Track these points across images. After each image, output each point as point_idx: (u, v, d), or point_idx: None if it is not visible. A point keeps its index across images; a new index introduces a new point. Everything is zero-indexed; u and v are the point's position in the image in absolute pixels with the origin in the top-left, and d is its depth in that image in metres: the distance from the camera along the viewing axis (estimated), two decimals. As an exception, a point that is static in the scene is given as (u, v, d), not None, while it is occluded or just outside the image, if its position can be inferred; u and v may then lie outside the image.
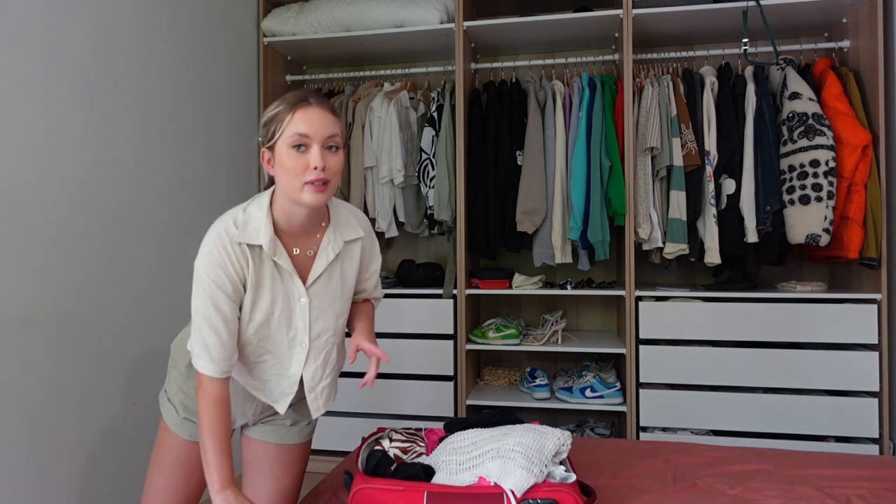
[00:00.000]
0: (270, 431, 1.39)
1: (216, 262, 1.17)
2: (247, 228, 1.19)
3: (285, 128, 1.14)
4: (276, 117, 1.15)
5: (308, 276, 1.25)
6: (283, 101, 1.17)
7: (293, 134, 1.13)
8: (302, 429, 1.42)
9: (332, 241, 1.27)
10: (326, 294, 1.28)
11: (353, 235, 1.31)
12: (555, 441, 1.24)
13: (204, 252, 1.18)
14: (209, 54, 2.47)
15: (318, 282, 1.26)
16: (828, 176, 2.27)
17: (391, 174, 2.71)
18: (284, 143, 1.14)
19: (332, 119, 1.17)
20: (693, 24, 2.57)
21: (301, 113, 1.14)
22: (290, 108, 1.14)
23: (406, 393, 2.67)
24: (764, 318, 2.36)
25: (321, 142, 1.14)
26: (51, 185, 1.70)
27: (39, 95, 1.67)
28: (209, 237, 1.19)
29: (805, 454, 1.68)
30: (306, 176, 1.13)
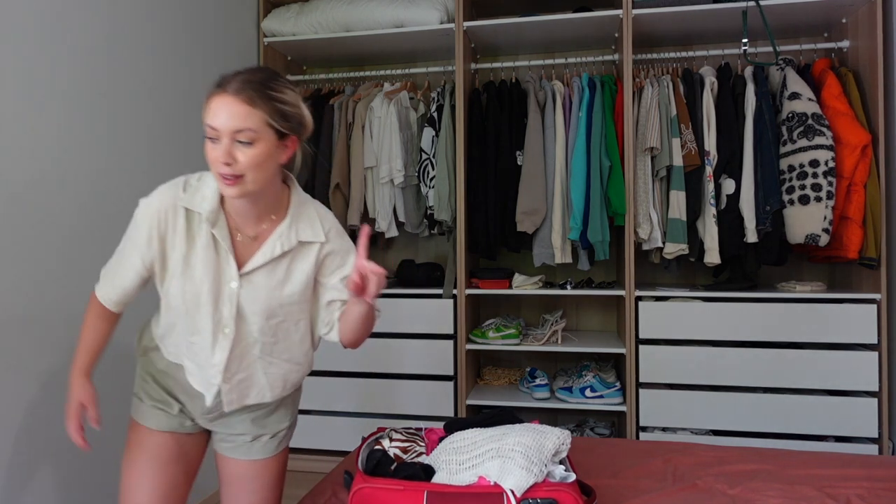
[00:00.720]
0: (235, 448, 1.32)
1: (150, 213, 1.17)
2: (195, 195, 1.17)
3: (204, 116, 1.08)
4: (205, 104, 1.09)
5: (246, 264, 1.19)
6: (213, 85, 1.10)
7: (207, 125, 1.07)
8: (265, 444, 1.32)
9: (284, 236, 1.20)
10: (262, 289, 1.19)
11: (310, 238, 1.22)
12: (554, 440, 1.25)
13: (149, 199, 1.18)
14: (209, 54, 2.47)
15: (256, 273, 1.19)
16: (827, 176, 2.27)
17: (391, 174, 2.71)
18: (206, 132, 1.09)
19: (244, 110, 1.05)
20: (693, 24, 2.57)
21: (213, 102, 1.07)
22: (210, 96, 1.08)
23: (406, 393, 2.67)
24: (764, 318, 2.36)
25: (229, 135, 1.06)
26: (51, 185, 1.70)
27: (39, 96, 1.67)
28: (162, 188, 1.18)
29: (805, 454, 1.69)
30: (216, 168, 1.09)
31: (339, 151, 2.78)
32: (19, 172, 1.61)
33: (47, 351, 1.68)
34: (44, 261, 1.68)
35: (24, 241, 1.62)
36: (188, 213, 1.17)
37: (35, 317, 1.65)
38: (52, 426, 1.70)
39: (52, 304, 1.70)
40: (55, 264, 1.71)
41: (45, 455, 1.67)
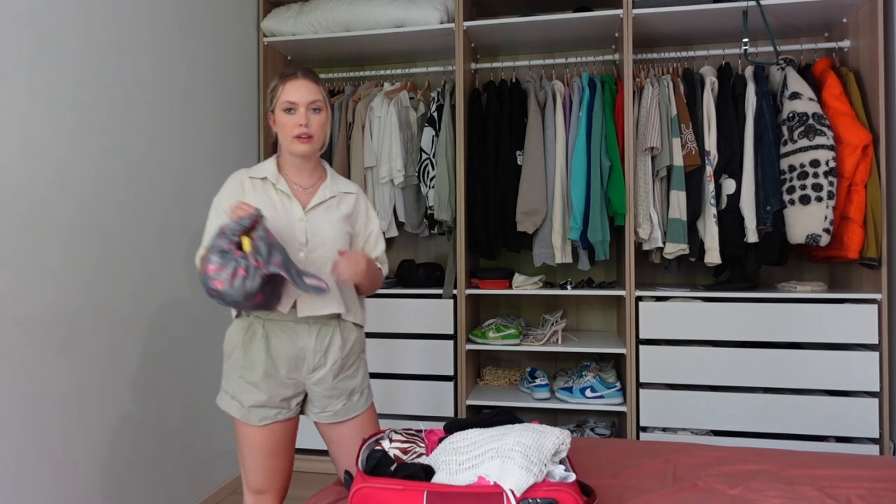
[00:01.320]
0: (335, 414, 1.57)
1: (227, 189, 1.52)
2: (256, 168, 1.56)
3: (279, 96, 1.49)
4: (273, 88, 1.52)
5: (307, 204, 1.54)
6: (278, 76, 1.53)
7: (285, 101, 1.49)
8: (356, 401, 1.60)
9: (329, 187, 1.58)
10: (324, 220, 1.53)
11: (347, 189, 1.62)
12: (554, 440, 1.24)
13: (221, 191, 1.54)
14: (209, 54, 2.47)
15: (315, 209, 1.54)
16: (828, 176, 2.27)
17: (391, 174, 2.71)
18: (279, 108, 1.50)
19: (315, 87, 1.51)
20: (693, 24, 2.57)
21: (290, 84, 1.49)
22: (282, 80, 1.50)
23: (406, 393, 2.67)
24: (764, 318, 2.35)
25: (306, 106, 1.48)
26: (51, 185, 1.70)
27: (40, 96, 1.67)
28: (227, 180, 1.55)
29: (805, 454, 1.68)
30: (294, 131, 1.48)
31: (339, 151, 2.78)
32: (19, 172, 1.60)
33: (47, 351, 1.68)
34: (44, 261, 1.68)
35: (25, 241, 1.62)
36: (253, 182, 1.53)
37: (35, 317, 1.65)
38: (52, 426, 1.70)
39: (52, 304, 1.70)
40: (55, 264, 1.71)
41: (45, 454, 1.67)
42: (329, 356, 1.54)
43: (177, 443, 2.23)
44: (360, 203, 1.64)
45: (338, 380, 1.56)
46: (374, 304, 2.68)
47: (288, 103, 1.48)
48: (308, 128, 1.48)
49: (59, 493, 1.72)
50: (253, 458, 1.52)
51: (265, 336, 1.50)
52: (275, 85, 1.51)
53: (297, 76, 1.50)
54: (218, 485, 2.49)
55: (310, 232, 1.52)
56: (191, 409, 2.31)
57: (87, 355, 1.82)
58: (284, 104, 1.48)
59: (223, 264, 1.31)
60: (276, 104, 1.50)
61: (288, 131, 1.49)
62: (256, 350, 1.50)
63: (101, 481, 1.87)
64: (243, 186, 1.52)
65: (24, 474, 1.61)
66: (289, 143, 1.51)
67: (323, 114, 1.52)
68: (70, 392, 1.76)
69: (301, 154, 1.51)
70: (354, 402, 1.59)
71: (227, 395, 1.53)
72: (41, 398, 1.66)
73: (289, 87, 1.49)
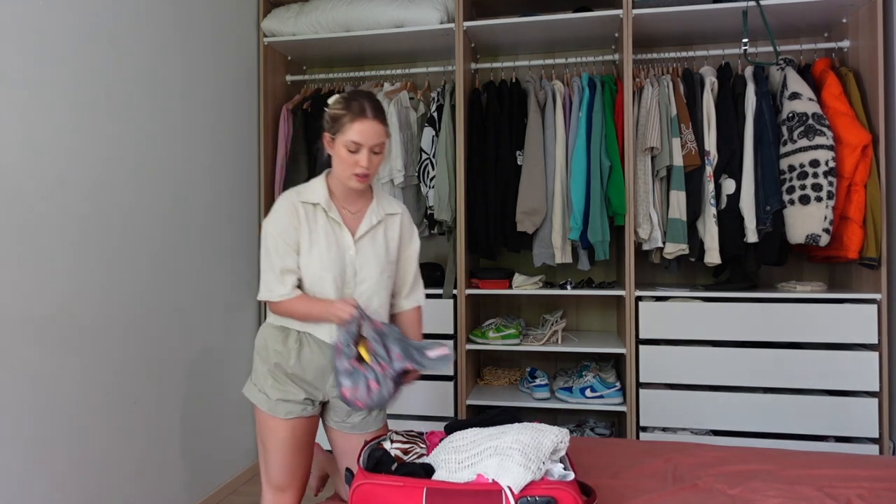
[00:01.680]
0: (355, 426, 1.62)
1: (279, 215, 1.51)
2: (307, 192, 1.55)
3: (345, 132, 1.46)
4: (340, 119, 1.47)
5: (356, 232, 1.55)
6: (348, 107, 1.47)
7: (350, 140, 1.46)
8: (375, 417, 1.64)
9: (375, 210, 1.59)
10: (370, 251, 1.56)
11: (393, 210, 1.64)
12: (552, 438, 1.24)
13: (271, 212, 1.54)
14: (209, 54, 2.47)
15: (363, 238, 1.56)
16: (828, 176, 2.27)
17: (391, 174, 2.71)
18: (342, 143, 1.48)
19: (382, 130, 1.49)
20: (693, 24, 2.57)
21: (359, 124, 1.45)
22: (353, 117, 1.46)
23: (406, 393, 2.66)
24: (764, 318, 2.35)
25: (369, 148, 1.47)
26: (51, 185, 1.70)
27: (40, 96, 1.67)
28: (276, 203, 1.54)
29: (805, 454, 1.68)
30: (354, 170, 1.48)
31: (339, 151, 2.78)
32: (19, 172, 1.61)
33: (48, 351, 1.68)
34: (44, 261, 1.68)
35: (24, 242, 1.62)
36: (305, 208, 1.53)
37: (35, 317, 1.65)
38: (52, 426, 1.70)
39: (53, 304, 1.70)
40: (55, 264, 1.71)
41: (45, 455, 1.67)
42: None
43: (177, 443, 2.23)
44: (405, 224, 1.66)
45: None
46: (373, 304, 2.68)
47: (353, 143, 1.46)
48: (368, 169, 1.48)
49: (60, 493, 1.72)
50: (276, 453, 1.54)
51: (298, 342, 1.54)
52: (341, 115, 1.48)
53: (367, 117, 1.46)
54: (218, 485, 2.49)
55: (358, 265, 1.55)
56: (191, 409, 2.31)
57: (88, 355, 1.82)
58: (349, 143, 1.46)
59: (354, 385, 1.37)
60: (339, 135, 1.48)
61: (347, 168, 1.49)
62: (288, 353, 1.54)
63: (101, 481, 1.86)
64: (297, 213, 1.52)
65: (25, 474, 1.61)
66: (345, 178, 1.51)
67: (382, 154, 1.52)
68: (70, 392, 1.76)
69: (354, 189, 1.53)
70: (373, 417, 1.63)
71: (255, 387, 1.57)
72: (42, 398, 1.66)
73: (357, 127, 1.46)
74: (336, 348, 1.40)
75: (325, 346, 1.54)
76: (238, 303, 2.66)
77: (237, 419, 2.64)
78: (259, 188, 2.86)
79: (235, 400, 2.62)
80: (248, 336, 2.73)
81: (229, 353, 2.57)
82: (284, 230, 1.51)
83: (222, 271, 2.53)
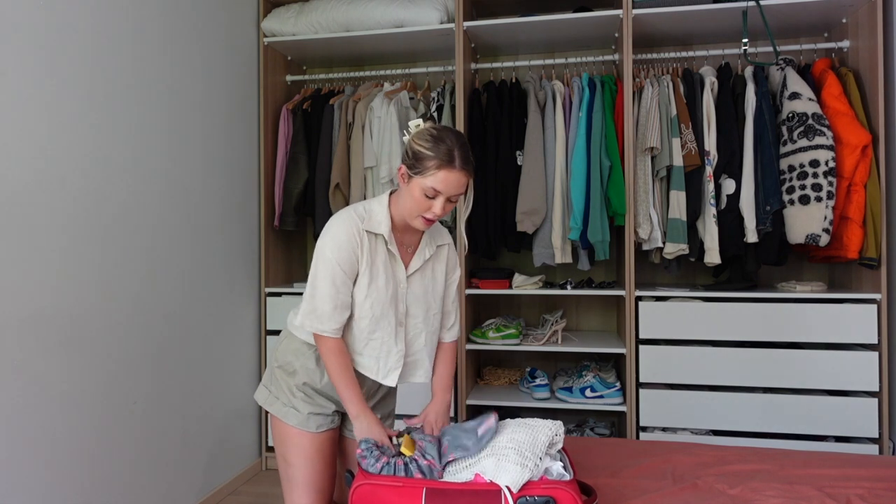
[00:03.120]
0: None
1: (341, 244, 1.41)
2: (371, 220, 1.46)
3: (428, 176, 1.35)
4: (425, 159, 1.36)
5: (409, 267, 1.51)
6: (437, 151, 1.35)
7: (430, 187, 1.36)
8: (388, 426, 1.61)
9: (428, 243, 1.55)
10: (420, 286, 1.53)
11: (442, 241, 1.60)
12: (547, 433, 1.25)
13: (330, 234, 1.43)
14: (209, 54, 2.47)
15: (416, 274, 1.52)
16: (827, 176, 2.27)
17: (391, 174, 2.70)
18: (420, 185, 1.37)
19: (466, 181, 1.39)
20: (693, 24, 2.57)
21: (444, 174, 1.35)
22: (440, 164, 1.35)
23: (406, 393, 2.66)
24: (764, 318, 2.35)
25: (448, 196, 1.38)
26: (51, 186, 1.70)
27: (40, 97, 1.67)
28: (335, 222, 1.44)
29: (805, 454, 1.68)
30: (425, 213, 1.40)
31: (339, 151, 2.78)
32: (19, 172, 1.61)
33: (47, 351, 1.68)
34: (43, 261, 1.68)
35: (24, 241, 1.62)
36: (367, 236, 1.45)
37: (35, 317, 1.65)
38: (52, 426, 1.70)
39: (52, 304, 1.70)
40: (55, 264, 1.71)
41: (45, 455, 1.67)
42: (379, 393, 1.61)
43: (177, 443, 2.23)
44: (451, 254, 1.63)
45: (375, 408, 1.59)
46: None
47: (433, 190, 1.36)
48: (438, 216, 1.41)
49: (60, 493, 1.72)
50: (304, 469, 1.48)
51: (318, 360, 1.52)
52: (427, 156, 1.36)
53: (455, 167, 1.35)
54: (218, 485, 2.49)
55: (409, 300, 1.51)
56: (191, 408, 2.31)
57: (87, 355, 1.82)
58: (429, 189, 1.36)
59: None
60: (419, 176, 1.37)
61: (418, 210, 1.40)
62: (321, 373, 1.51)
63: (101, 481, 1.86)
64: (361, 243, 1.43)
65: (23, 474, 1.61)
66: (410, 217, 1.42)
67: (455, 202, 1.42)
68: (70, 392, 1.76)
69: (418, 229, 1.47)
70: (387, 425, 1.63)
71: (277, 400, 1.53)
72: (41, 398, 1.66)
73: (443, 176, 1.35)
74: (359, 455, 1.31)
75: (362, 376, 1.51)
76: (238, 303, 2.66)
77: (237, 419, 2.64)
78: (259, 188, 2.86)
79: (235, 400, 2.62)
80: (248, 336, 2.73)
81: (229, 352, 2.57)
82: (347, 260, 1.42)
83: (222, 271, 2.53)
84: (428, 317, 1.54)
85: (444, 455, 1.26)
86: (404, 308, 1.50)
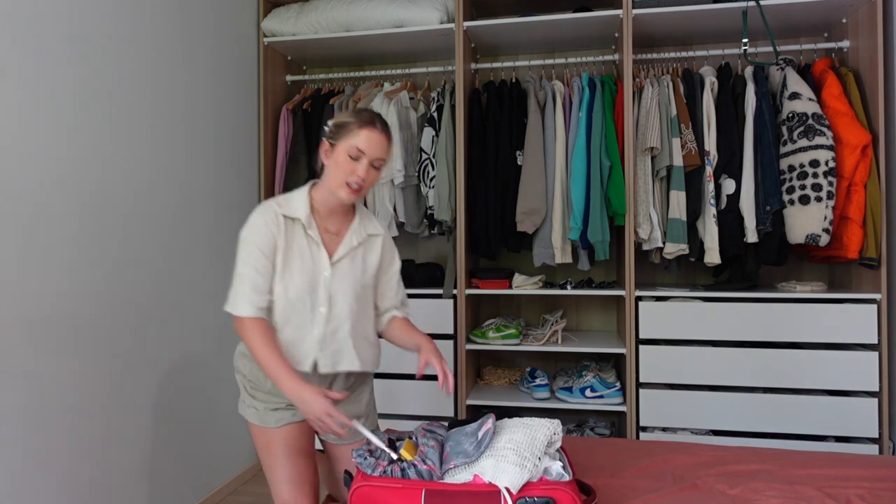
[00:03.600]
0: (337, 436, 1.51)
1: (258, 227, 1.45)
2: (289, 206, 1.49)
3: (351, 137, 1.43)
4: (346, 126, 1.45)
5: (334, 254, 1.50)
6: (358, 116, 1.46)
7: (354, 146, 1.43)
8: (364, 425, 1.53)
9: (357, 231, 1.54)
10: (348, 273, 1.51)
11: (375, 231, 1.59)
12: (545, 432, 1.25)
13: (250, 222, 1.47)
14: (209, 54, 2.47)
15: (342, 261, 1.51)
16: (827, 176, 2.27)
17: (391, 174, 2.70)
18: (345, 148, 1.44)
19: (387, 146, 1.47)
20: (693, 24, 2.57)
21: (367, 132, 1.43)
22: (361, 125, 1.44)
23: (406, 393, 2.67)
24: (764, 318, 2.35)
25: (371, 160, 1.44)
26: (52, 187, 1.70)
27: (40, 96, 1.67)
28: (255, 212, 1.48)
29: (805, 454, 1.68)
30: (349, 178, 1.43)
31: (339, 151, 2.78)
32: (19, 172, 1.61)
33: (48, 352, 1.68)
34: (44, 261, 1.68)
35: (24, 242, 1.62)
36: (285, 222, 1.47)
37: (35, 318, 1.65)
38: (53, 427, 1.70)
39: (53, 305, 1.70)
40: (56, 265, 1.71)
41: (46, 455, 1.67)
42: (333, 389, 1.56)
43: (177, 443, 2.23)
44: (386, 245, 1.61)
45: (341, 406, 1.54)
46: (373, 304, 2.68)
47: (357, 150, 1.43)
48: (363, 181, 1.44)
49: (60, 493, 1.72)
50: (278, 467, 1.50)
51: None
52: (348, 123, 1.45)
53: (377, 128, 1.45)
54: (218, 485, 2.49)
55: (333, 289, 1.49)
56: (191, 409, 2.31)
57: (88, 356, 1.82)
58: (353, 149, 1.43)
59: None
60: (341, 141, 1.45)
61: (342, 175, 1.44)
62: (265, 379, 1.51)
63: (101, 481, 1.87)
64: (278, 224, 1.46)
65: (24, 474, 1.61)
66: (336, 187, 1.45)
67: (380, 172, 1.49)
68: (71, 393, 1.76)
69: (343, 201, 1.48)
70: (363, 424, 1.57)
71: (243, 402, 1.57)
72: (42, 399, 1.66)
73: (365, 135, 1.43)
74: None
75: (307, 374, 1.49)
76: (238, 303, 2.65)
77: (237, 419, 2.64)
78: (259, 188, 2.86)
79: (235, 400, 2.62)
80: (249, 336, 2.73)
81: (229, 353, 2.57)
82: (264, 240, 1.45)
83: (221, 271, 2.53)
84: (355, 305, 1.51)
85: (446, 461, 1.25)
86: (326, 294, 1.48)
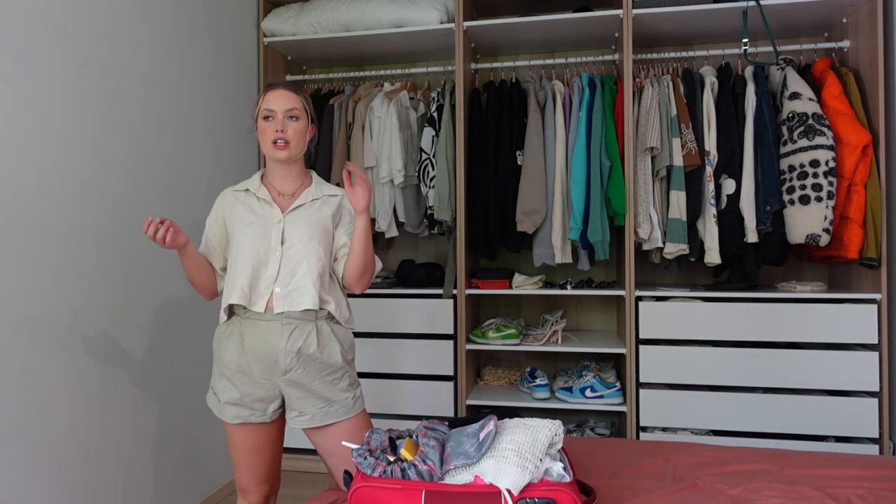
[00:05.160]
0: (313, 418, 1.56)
1: (216, 207, 1.64)
2: (240, 184, 1.65)
3: (260, 106, 1.57)
4: (256, 102, 1.61)
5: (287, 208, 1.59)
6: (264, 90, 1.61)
7: (264, 109, 1.56)
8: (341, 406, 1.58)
9: (313, 191, 1.63)
10: (303, 220, 1.57)
11: (333, 192, 1.66)
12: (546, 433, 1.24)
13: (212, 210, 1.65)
14: (210, 54, 2.47)
15: (296, 211, 1.58)
16: (828, 176, 2.27)
17: (391, 174, 2.70)
18: (260, 116, 1.57)
19: (293, 96, 1.57)
20: (693, 24, 2.57)
21: (269, 94, 1.57)
22: (265, 92, 1.59)
23: (406, 393, 2.67)
24: (764, 318, 2.35)
25: (283, 113, 1.54)
26: (52, 186, 1.70)
27: (40, 96, 1.67)
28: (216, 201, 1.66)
29: (805, 454, 1.68)
30: (271, 136, 1.54)
31: (339, 151, 2.78)
32: (18, 172, 1.61)
33: (47, 351, 1.68)
34: (43, 261, 1.68)
35: (24, 242, 1.62)
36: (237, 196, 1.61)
37: (35, 317, 1.65)
38: (52, 426, 1.70)
39: (52, 304, 1.70)
40: (55, 264, 1.71)
41: (46, 455, 1.67)
42: (301, 357, 1.53)
43: (177, 443, 2.23)
44: (346, 203, 1.66)
45: (315, 382, 1.55)
46: (374, 304, 2.68)
47: (267, 111, 1.55)
48: (284, 133, 1.53)
49: (60, 493, 1.72)
50: (234, 453, 1.59)
51: (241, 334, 1.55)
52: (258, 98, 1.60)
53: (278, 87, 1.58)
54: (218, 485, 2.49)
55: (286, 232, 1.56)
56: (190, 408, 2.31)
57: (87, 355, 1.82)
58: (264, 112, 1.55)
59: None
60: (257, 112, 1.58)
61: (267, 137, 1.55)
62: (233, 347, 1.54)
63: (101, 481, 1.87)
64: (233, 198, 1.61)
65: (23, 474, 1.61)
66: (268, 150, 1.56)
67: (301, 122, 1.57)
68: (70, 392, 1.76)
69: (279, 160, 1.57)
70: (335, 408, 1.57)
71: (210, 390, 1.62)
72: (41, 398, 1.66)
73: (269, 96, 1.56)
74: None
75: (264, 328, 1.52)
76: (238, 303, 2.65)
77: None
78: (259, 188, 2.86)
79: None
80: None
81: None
82: (214, 213, 1.63)
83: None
84: (311, 244, 1.56)
85: (446, 462, 1.25)
86: (279, 237, 1.55)
